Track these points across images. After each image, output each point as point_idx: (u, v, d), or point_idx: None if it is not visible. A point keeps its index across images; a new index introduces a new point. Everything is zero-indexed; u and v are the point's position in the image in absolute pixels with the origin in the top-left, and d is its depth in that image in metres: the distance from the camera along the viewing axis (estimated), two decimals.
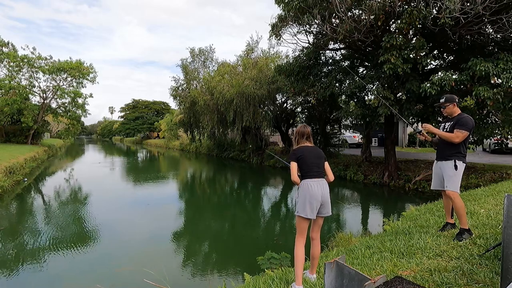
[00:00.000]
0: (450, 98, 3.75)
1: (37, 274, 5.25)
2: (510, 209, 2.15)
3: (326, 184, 3.01)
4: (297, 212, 2.94)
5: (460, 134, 3.52)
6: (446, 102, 3.75)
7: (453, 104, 3.72)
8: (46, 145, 30.32)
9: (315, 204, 2.89)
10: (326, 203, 2.97)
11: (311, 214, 2.89)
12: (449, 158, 3.60)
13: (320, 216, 3.01)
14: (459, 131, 3.54)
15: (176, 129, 37.77)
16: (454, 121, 3.64)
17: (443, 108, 3.78)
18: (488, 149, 18.28)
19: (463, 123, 3.56)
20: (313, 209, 2.89)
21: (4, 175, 12.92)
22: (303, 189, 2.93)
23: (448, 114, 3.78)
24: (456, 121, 3.61)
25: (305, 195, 2.90)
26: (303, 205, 2.89)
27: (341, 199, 11.20)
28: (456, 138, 3.52)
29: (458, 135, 3.53)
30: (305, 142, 3.12)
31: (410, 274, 2.71)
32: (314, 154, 3.05)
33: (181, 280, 5.10)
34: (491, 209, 4.89)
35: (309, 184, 2.92)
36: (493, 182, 9.63)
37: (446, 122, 3.78)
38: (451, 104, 3.73)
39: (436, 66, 12.01)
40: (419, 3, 8.99)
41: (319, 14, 10.21)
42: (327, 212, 3.01)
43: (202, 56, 26.37)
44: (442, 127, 3.77)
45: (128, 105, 73.19)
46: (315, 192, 2.89)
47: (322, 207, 2.97)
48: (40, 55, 26.62)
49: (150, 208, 9.99)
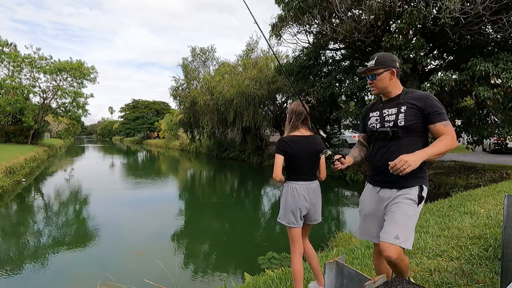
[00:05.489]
0: (385, 59, 1.96)
1: (37, 274, 5.25)
2: (510, 209, 2.16)
3: (317, 187, 2.46)
4: (279, 219, 2.45)
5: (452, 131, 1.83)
6: (378, 66, 1.96)
7: (391, 71, 1.95)
8: (46, 145, 30.31)
9: (299, 213, 2.36)
10: (315, 209, 2.45)
11: (295, 223, 2.37)
12: (409, 183, 1.90)
13: (307, 224, 2.49)
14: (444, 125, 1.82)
15: (176, 129, 37.81)
16: (411, 103, 1.89)
17: (372, 78, 2.00)
18: (488, 149, 18.28)
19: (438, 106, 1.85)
20: (297, 217, 2.36)
21: (4, 175, 12.91)
22: (286, 194, 2.40)
23: (381, 90, 2.02)
24: (424, 104, 1.86)
25: (287, 201, 2.38)
26: (285, 212, 2.39)
27: (342, 198, 11.20)
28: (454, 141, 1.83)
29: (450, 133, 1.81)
30: (301, 127, 2.42)
31: (410, 274, 2.71)
32: (309, 150, 2.37)
33: (181, 280, 5.10)
34: (491, 209, 4.88)
35: (293, 187, 2.38)
36: (493, 182, 9.62)
37: (384, 107, 2.01)
38: (387, 70, 1.95)
39: (436, 66, 12.01)
40: (419, 3, 8.99)
41: (319, 14, 10.22)
42: (315, 219, 2.48)
43: (203, 55, 26.39)
44: (377, 117, 2.03)
45: (128, 105, 73.16)
46: (301, 198, 2.35)
47: (309, 214, 2.44)
48: (42, 56, 26.68)
49: (149, 208, 9.98)
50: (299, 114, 2.42)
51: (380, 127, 2.00)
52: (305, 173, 2.40)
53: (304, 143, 2.39)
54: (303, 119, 2.42)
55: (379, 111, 2.04)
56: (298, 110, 2.43)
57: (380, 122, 2.00)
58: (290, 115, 2.47)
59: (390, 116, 1.96)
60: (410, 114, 1.89)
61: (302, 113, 2.42)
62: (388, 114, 1.98)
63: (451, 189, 10.30)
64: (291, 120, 2.45)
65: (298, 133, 2.42)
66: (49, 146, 30.45)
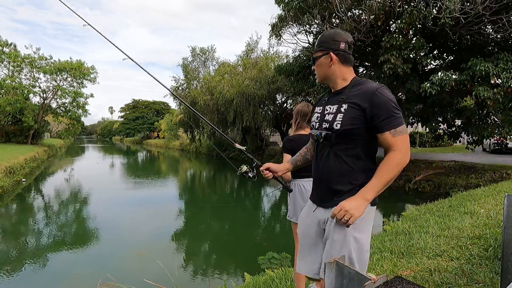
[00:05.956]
0: (324, 40, 1.54)
1: (37, 274, 5.25)
2: (510, 209, 2.16)
3: None
4: (289, 217, 2.53)
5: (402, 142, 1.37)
6: (316, 49, 1.57)
7: (327, 55, 1.52)
8: (46, 145, 30.31)
9: None
10: None
11: None
12: None
13: None
14: (393, 134, 1.37)
15: (176, 129, 37.79)
16: (353, 101, 1.44)
17: (313, 63, 1.62)
18: (488, 149, 18.27)
19: (387, 107, 1.40)
20: None
21: (4, 175, 12.91)
22: (295, 191, 2.49)
23: (322, 79, 1.60)
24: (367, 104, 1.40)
25: (296, 198, 2.47)
26: (295, 209, 2.47)
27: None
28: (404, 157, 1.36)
29: (399, 147, 1.37)
30: (307, 126, 2.52)
31: (410, 274, 2.71)
32: None
33: (182, 280, 5.10)
34: (491, 209, 4.88)
35: (301, 185, 2.46)
36: (493, 182, 9.62)
37: (328, 102, 1.57)
38: (324, 54, 1.53)
39: (436, 66, 12.01)
40: (419, 3, 9.00)
41: (319, 14, 10.22)
42: None
43: (203, 55, 26.40)
44: (318, 115, 1.60)
45: (128, 105, 73.16)
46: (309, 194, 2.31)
47: None
48: (42, 56, 26.70)
49: (149, 208, 9.98)
50: (304, 114, 2.53)
51: (318, 127, 1.57)
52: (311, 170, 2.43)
53: None
54: (308, 119, 2.50)
55: (322, 107, 1.60)
56: (304, 111, 2.53)
57: (319, 122, 1.58)
58: (296, 115, 2.56)
59: (329, 116, 1.51)
60: (350, 116, 1.42)
61: (308, 114, 2.51)
62: (328, 112, 1.53)
63: (451, 189, 10.31)
64: (297, 120, 2.55)
65: (304, 132, 2.52)
66: (49, 146, 30.45)
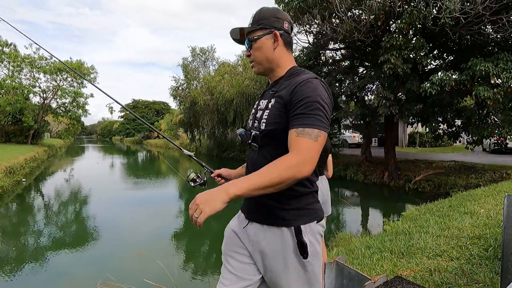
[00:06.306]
0: (266, 16, 1.24)
1: (37, 274, 5.25)
2: (510, 209, 2.16)
3: (326, 180, 2.68)
4: None
5: (305, 146, 1.07)
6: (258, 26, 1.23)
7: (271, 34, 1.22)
8: (46, 145, 30.31)
9: None
10: (326, 201, 2.66)
11: None
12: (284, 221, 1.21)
13: None
14: (299, 133, 1.08)
15: (176, 129, 37.79)
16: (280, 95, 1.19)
17: (248, 46, 1.26)
18: (488, 149, 18.28)
19: (306, 100, 1.09)
20: None
21: (4, 175, 12.92)
22: None
23: (262, 67, 1.29)
24: (290, 97, 1.13)
25: None
26: None
27: (341, 199, 11.20)
28: (299, 166, 1.05)
29: (300, 151, 1.06)
30: None
31: (410, 274, 2.71)
32: None
33: (182, 280, 5.10)
34: (491, 209, 4.88)
35: None
36: (493, 182, 9.62)
37: (262, 96, 1.35)
38: (268, 33, 1.22)
39: (436, 66, 12.01)
40: (419, 3, 9.00)
41: (319, 14, 10.22)
42: (327, 212, 2.68)
43: (203, 55, 26.42)
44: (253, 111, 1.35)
45: (128, 105, 73.11)
46: None
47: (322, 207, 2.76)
48: (41, 56, 26.70)
49: (149, 208, 9.98)
50: None
51: (251, 127, 1.31)
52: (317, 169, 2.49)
53: None
54: None
55: (257, 102, 1.35)
56: None
57: (252, 120, 1.32)
58: None
59: (259, 113, 1.27)
60: (275, 112, 1.19)
61: None
62: (260, 108, 1.29)
63: (451, 189, 10.31)
64: None
65: None
66: (49, 146, 30.44)
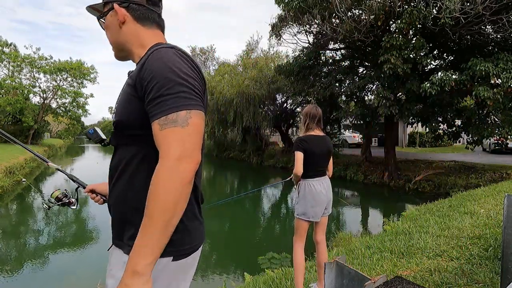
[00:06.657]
0: None
1: (37, 274, 5.25)
2: (510, 209, 2.16)
3: (328, 181, 2.70)
4: (298, 215, 2.60)
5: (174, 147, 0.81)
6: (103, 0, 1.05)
7: (112, 11, 1.00)
8: (46, 145, 30.32)
9: (320, 208, 2.57)
10: (329, 202, 2.67)
11: (315, 217, 2.57)
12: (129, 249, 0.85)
13: (324, 216, 2.67)
14: (163, 124, 0.82)
15: None
16: (134, 73, 0.93)
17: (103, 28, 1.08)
18: (488, 149, 18.28)
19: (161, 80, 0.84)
20: (316, 212, 2.57)
21: (4, 175, 12.92)
22: (305, 191, 2.57)
23: (117, 50, 1.07)
24: (139, 78, 0.87)
25: (308, 198, 2.55)
26: (305, 208, 2.56)
27: (341, 199, 11.21)
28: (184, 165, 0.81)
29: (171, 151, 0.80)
30: (316, 128, 2.66)
31: (410, 274, 2.72)
32: (324, 148, 2.63)
33: None
34: (491, 209, 4.89)
35: (311, 184, 2.57)
36: (493, 182, 9.62)
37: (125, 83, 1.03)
38: (109, 10, 1.02)
39: (436, 66, 12.01)
40: (419, 3, 8.99)
41: (319, 14, 10.21)
42: (329, 211, 2.70)
43: (203, 55, 26.43)
44: None
45: None
46: (320, 193, 2.56)
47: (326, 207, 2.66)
48: (42, 56, 26.72)
49: None
50: (313, 116, 2.66)
51: None
52: (321, 170, 2.64)
53: (319, 142, 2.64)
54: (317, 120, 2.66)
55: None
56: (313, 113, 2.66)
57: None
58: (305, 117, 2.69)
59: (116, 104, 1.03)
60: (124, 97, 0.96)
61: (316, 116, 2.66)
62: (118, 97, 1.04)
63: (451, 189, 10.31)
64: (306, 121, 2.68)
65: (313, 133, 2.65)
66: (49, 146, 30.45)
